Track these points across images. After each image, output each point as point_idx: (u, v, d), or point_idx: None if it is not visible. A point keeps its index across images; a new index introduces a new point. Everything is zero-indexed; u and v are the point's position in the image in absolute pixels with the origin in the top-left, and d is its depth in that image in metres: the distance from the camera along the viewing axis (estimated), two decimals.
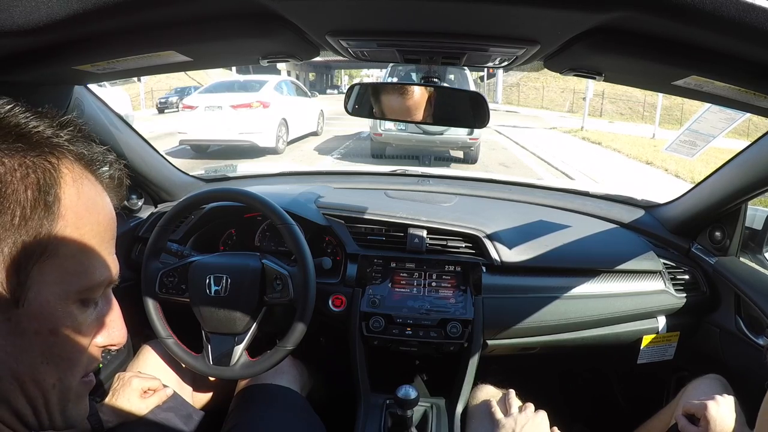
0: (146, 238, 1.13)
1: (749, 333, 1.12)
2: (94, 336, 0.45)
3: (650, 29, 0.52)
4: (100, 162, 0.45)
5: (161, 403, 0.99)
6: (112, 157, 0.46)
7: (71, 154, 0.42)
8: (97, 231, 0.43)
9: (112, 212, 0.46)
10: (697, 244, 1.29)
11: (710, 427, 0.87)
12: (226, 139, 7.86)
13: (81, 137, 0.43)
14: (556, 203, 1.49)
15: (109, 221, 0.45)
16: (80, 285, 0.42)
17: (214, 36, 0.63)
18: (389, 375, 1.21)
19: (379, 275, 1.23)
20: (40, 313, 0.39)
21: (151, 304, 1.06)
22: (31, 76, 0.68)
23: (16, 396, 0.41)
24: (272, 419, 1.00)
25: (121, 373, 1.01)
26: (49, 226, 0.39)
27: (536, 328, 1.19)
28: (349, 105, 0.97)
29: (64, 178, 0.41)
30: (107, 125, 1.11)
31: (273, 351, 1.03)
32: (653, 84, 0.80)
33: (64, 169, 0.41)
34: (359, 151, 8.67)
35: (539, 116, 19.61)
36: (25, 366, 0.40)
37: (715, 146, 1.41)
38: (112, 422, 0.94)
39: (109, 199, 0.46)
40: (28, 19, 0.47)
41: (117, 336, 0.48)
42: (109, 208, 0.45)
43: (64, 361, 0.42)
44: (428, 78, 0.87)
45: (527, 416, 0.99)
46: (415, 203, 1.37)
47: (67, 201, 0.40)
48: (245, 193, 1.08)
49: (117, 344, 0.48)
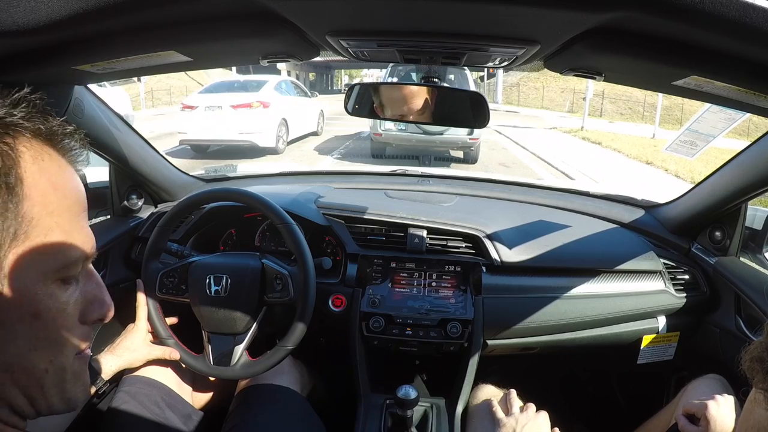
0: (146, 238, 1.13)
1: (749, 333, 1.12)
2: (81, 313, 0.44)
3: (650, 29, 0.52)
4: (60, 134, 0.43)
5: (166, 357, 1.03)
6: (71, 128, 0.45)
7: (28, 132, 0.41)
8: (66, 206, 0.42)
9: (79, 184, 0.44)
10: (697, 244, 1.29)
11: (710, 427, 0.87)
12: (226, 139, 7.86)
13: (36, 113, 0.42)
14: (556, 203, 1.49)
15: (78, 194, 0.44)
16: (57, 264, 0.41)
17: (214, 36, 0.63)
18: (389, 375, 1.21)
19: (379, 275, 1.23)
20: (20, 299, 0.39)
21: (151, 305, 1.06)
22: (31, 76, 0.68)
23: (8, 388, 0.40)
24: (272, 419, 1.00)
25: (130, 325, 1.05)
26: (15, 209, 0.38)
27: (536, 328, 1.19)
28: (349, 105, 0.97)
29: (23, 156, 0.39)
30: (107, 125, 1.11)
31: (273, 351, 1.03)
32: (653, 84, 0.80)
33: (22, 148, 0.39)
34: (359, 151, 8.67)
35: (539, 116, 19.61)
36: (13, 356, 0.39)
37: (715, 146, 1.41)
38: (112, 370, 0.96)
39: (74, 171, 0.44)
40: (28, 19, 0.47)
41: (104, 310, 0.47)
42: (75, 181, 0.44)
43: (52, 343, 0.42)
44: (428, 78, 0.87)
45: (528, 416, 0.99)
46: (415, 203, 1.37)
47: (30, 180, 0.39)
48: (245, 193, 1.08)
49: (105, 317, 0.47)
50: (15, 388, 0.40)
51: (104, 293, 0.47)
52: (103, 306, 0.47)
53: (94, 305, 0.46)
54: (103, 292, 0.47)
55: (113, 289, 1.23)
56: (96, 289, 0.47)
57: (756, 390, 0.49)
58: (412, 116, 0.95)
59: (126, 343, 1.01)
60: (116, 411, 0.95)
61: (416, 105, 0.93)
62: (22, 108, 0.41)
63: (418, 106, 0.93)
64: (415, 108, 0.93)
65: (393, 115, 0.98)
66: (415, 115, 0.94)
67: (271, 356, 1.03)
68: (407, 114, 0.95)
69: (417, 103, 0.93)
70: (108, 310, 0.47)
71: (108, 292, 0.48)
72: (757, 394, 0.49)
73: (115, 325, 1.26)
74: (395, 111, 0.96)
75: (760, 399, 0.48)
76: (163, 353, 1.04)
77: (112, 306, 0.48)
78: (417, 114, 0.94)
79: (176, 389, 1.05)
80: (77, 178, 0.44)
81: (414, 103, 0.93)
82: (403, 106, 0.94)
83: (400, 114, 0.96)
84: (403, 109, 0.94)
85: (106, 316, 0.47)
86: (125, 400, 0.96)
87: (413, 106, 0.93)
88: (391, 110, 0.97)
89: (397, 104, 0.96)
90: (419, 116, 0.95)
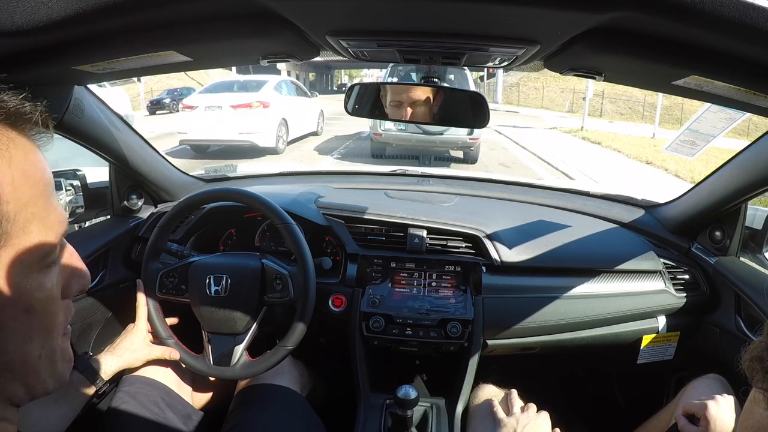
0: (146, 239, 1.13)
1: (749, 333, 1.12)
2: (63, 290, 0.44)
3: (650, 29, 0.52)
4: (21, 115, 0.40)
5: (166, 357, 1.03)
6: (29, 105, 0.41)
7: None
8: (38, 192, 0.40)
9: (44, 164, 0.42)
10: (697, 243, 1.29)
11: (710, 427, 0.87)
12: (226, 139, 7.87)
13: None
14: (556, 203, 1.49)
15: (46, 176, 0.41)
16: (41, 252, 0.40)
17: (214, 36, 0.63)
18: (389, 375, 1.21)
19: (379, 275, 1.23)
20: (12, 297, 0.38)
21: (151, 305, 1.06)
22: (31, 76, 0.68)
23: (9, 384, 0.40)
24: (272, 419, 1.00)
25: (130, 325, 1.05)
26: None
27: (536, 328, 1.19)
28: (349, 105, 0.97)
29: None
30: (107, 125, 1.11)
31: (273, 351, 1.03)
32: (653, 84, 0.80)
33: None
34: (359, 151, 8.67)
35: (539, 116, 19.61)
36: (12, 354, 0.39)
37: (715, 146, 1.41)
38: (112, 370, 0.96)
39: (38, 150, 0.42)
40: (28, 19, 0.47)
41: (82, 280, 0.46)
42: (42, 163, 0.41)
43: (44, 330, 0.41)
44: (428, 78, 0.87)
45: (529, 416, 0.99)
46: (415, 203, 1.37)
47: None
48: (245, 193, 1.08)
49: (85, 288, 0.46)
50: (15, 383, 0.40)
51: (80, 263, 0.46)
52: (83, 277, 0.46)
53: (73, 278, 0.45)
54: (78, 262, 0.46)
55: (113, 289, 1.24)
56: (72, 259, 0.45)
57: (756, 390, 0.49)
58: (412, 116, 0.95)
59: (126, 344, 1.01)
60: (116, 411, 0.95)
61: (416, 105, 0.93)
62: None
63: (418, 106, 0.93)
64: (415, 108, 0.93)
65: (393, 115, 0.98)
66: (415, 115, 0.94)
67: (271, 356, 1.03)
68: (407, 114, 0.95)
69: (417, 103, 0.93)
70: (86, 281, 0.46)
71: (81, 259, 0.47)
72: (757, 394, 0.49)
73: (115, 326, 1.26)
74: (395, 111, 0.96)
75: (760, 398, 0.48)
76: (163, 353, 1.04)
77: (88, 274, 0.47)
78: (417, 114, 0.94)
79: (176, 389, 1.05)
80: (42, 157, 0.42)
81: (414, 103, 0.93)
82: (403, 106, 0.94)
83: (400, 114, 0.96)
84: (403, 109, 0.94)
85: (85, 286, 0.46)
86: (125, 400, 0.96)
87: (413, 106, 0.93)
88: (391, 110, 0.97)
89: (397, 104, 0.96)
90: (419, 116, 0.95)
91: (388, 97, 0.98)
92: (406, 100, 0.94)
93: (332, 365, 1.36)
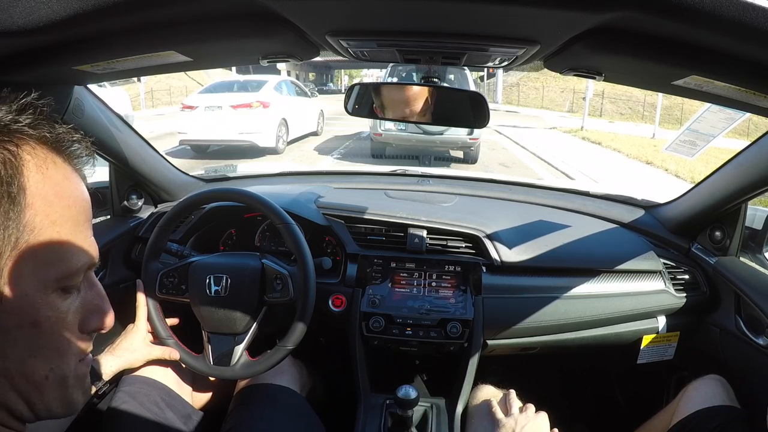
0: (146, 239, 1.13)
1: (749, 333, 1.12)
2: (81, 322, 0.44)
3: (650, 29, 0.52)
4: (67, 142, 0.43)
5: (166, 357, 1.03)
6: (78, 135, 0.44)
7: (33, 139, 0.40)
8: (69, 215, 0.41)
9: (84, 193, 0.44)
10: (697, 243, 1.29)
11: None
12: (226, 139, 7.86)
13: (43, 119, 0.41)
14: (556, 203, 1.49)
15: (83, 203, 0.43)
16: (58, 273, 0.40)
17: (214, 36, 0.63)
18: (389, 375, 1.21)
19: (379, 275, 1.23)
20: (19, 306, 0.38)
21: (151, 305, 1.06)
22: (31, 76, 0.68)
23: (6, 393, 0.40)
24: (272, 419, 1.00)
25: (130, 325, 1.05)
26: (17, 218, 0.38)
27: (536, 328, 1.19)
28: (349, 105, 0.97)
29: (26, 165, 0.39)
30: (107, 125, 1.11)
31: (273, 351, 1.03)
32: (653, 84, 0.80)
33: (26, 156, 0.39)
34: (359, 151, 8.67)
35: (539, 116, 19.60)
36: (12, 362, 0.39)
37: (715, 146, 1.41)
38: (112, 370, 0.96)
39: (80, 180, 0.44)
40: (28, 19, 0.47)
41: (104, 319, 0.46)
42: (80, 190, 0.43)
43: (52, 351, 0.41)
44: (428, 78, 0.87)
45: (528, 417, 0.99)
46: (415, 203, 1.37)
47: (33, 189, 0.39)
48: (245, 193, 1.08)
49: (105, 328, 0.47)
50: (13, 393, 0.40)
51: (105, 303, 0.47)
52: (103, 316, 0.46)
53: (93, 315, 0.45)
54: (103, 302, 0.47)
55: (113, 289, 1.24)
56: (96, 298, 0.46)
57: None
58: (412, 116, 0.95)
59: (126, 344, 1.01)
60: (116, 411, 0.95)
61: (416, 105, 0.93)
62: (28, 114, 0.40)
63: (418, 106, 0.93)
64: (415, 108, 0.93)
65: (393, 115, 0.98)
66: (415, 115, 0.94)
67: (271, 356, 1.03)
68: (407, 114, 0.95)
69: (417, 103, 0.93)
70: (108, 322, 0.47)
71: (108, 302, 0.47)
72: None
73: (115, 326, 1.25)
74: (395, 111, 0.96)
75: None
76: (163, 353, 1.04)
77: (112, 315, 0.47)
78: (417, 114, 0.94)
79: (176, 389, 1.05)
80: (83, 186, 0.44)
81: (414, 103, 0.93)
82: (403, 106, 0.94)
83: (400, 114, 0.96)
84: (403, 109, 0.94)
85: (105, 326, 0.47)
86: (125, 400, 0.96)
87: (413, 106, 0.93)
88: (391, 110, 0.97)
89: (397, 104, 0.96)
90: (419, 116, 0.94)
91: (389, 97, 0.98)
92: (406, 100, 0.94)
93: (332, 365, 1.36)
